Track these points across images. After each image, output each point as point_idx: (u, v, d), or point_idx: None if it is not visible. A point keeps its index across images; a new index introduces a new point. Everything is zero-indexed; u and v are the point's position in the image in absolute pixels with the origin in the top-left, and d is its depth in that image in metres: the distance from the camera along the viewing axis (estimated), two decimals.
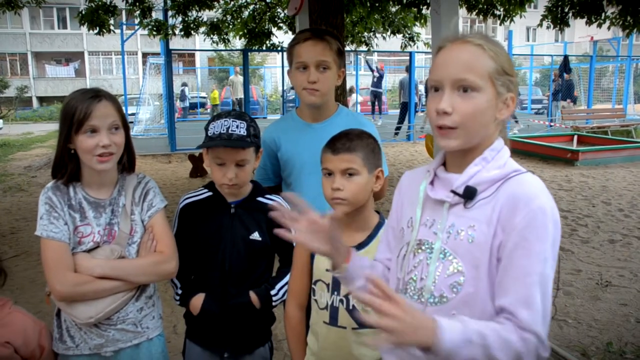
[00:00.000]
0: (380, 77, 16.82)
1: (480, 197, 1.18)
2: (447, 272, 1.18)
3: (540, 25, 7.65)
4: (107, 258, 1.65)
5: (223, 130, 1.74)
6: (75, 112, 1.60)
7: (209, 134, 1.77)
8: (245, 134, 1.74)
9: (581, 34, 18.25)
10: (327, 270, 1.65)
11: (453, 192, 1.20)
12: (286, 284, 1.87)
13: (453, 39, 1.21)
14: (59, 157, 1.68)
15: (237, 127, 1.74)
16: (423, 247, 1.24)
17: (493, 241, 1.14)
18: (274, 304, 1.88)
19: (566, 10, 7.17)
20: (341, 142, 1.61)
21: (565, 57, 15.88)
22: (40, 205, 1.67)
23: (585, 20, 7.05)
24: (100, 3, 7.89)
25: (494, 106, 1.18)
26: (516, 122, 15.09)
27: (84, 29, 8.33)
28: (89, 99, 1.62)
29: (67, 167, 1.68)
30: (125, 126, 1.70)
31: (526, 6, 8.04)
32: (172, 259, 1.74)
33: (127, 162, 1.76)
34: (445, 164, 1.29)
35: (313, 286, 1.71)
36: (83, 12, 8.00)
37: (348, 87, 16.50)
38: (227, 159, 1.75)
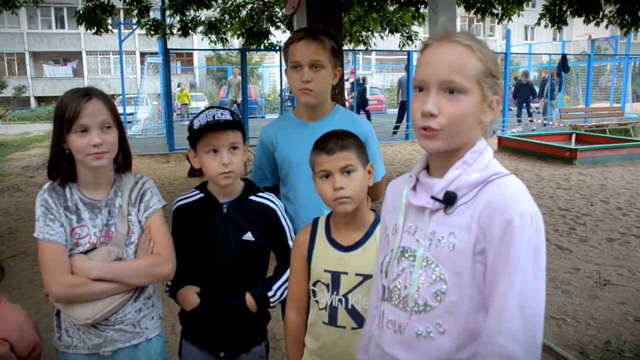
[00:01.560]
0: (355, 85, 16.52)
1: (460, 202, 1.14)
2: (429, 280, 1.16)
3: (538, 24, 7.65)
4: (104, 259, 1.65)
5: (209, 119, 1.75)
6: (65, 112, 1.59)
7: (196, 127, 1.76)
8: (231, 119, 1.76)
9: (579, 33, 18.21)
10: (325, 270, 1.65)
11: (433, 198, 1.17)
12: (284, 283, 1.87)
13: (440, 38, 1.17)
14: (53, 157, 1.67)
15: (221, 114, 1.77)
16: (406, 255, 1.22)
17: (475, 248, 1.10)
18: (271, 305, 1.88)
19: (564, 9, 7.18)
20: (333, 141, 1.60)
21: (563, 56, 15.90)
22: (37, 207, 1.67)
23: (583, 19, 7.05)
24: (97, 3, 7.88)
25: (480, 109, 1.15)
26: (519, 121, 15.11)
27: (82, 28, 8.31)
28: (79, 97, 1.61)
29: (61, 168, 1.67)
30: (119, 125, 1.69)
31: (524, 5, 8.06)
32: (169, 261, 1.72)
33: (122, 162, 1.74)
34: (428, 168, 1.26)
35: (313, 287, 1.70)
36: (81, 12, 7.99)
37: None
38: (219, 144, 1.75)
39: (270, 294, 1.86)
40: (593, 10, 6.84)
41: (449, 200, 1.15)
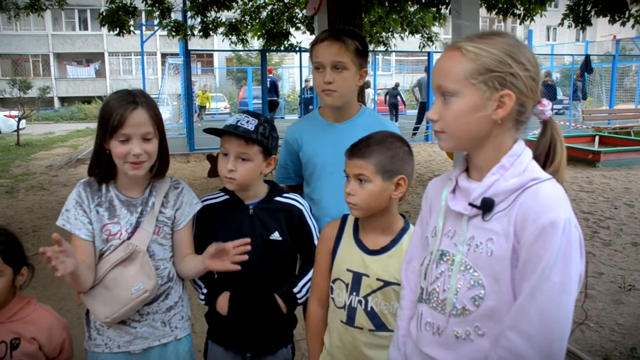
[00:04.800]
0: None
1: (498, 208, 1.15)
2: (467, 285, 1.17)
3: (562, 24, 7.52)
4: (123, 252, 1.66)
5: (233, 122, 1.76)
6: (110, 117, 1.59)
7: (222, 127, 1.78)
8: (252, 129, 1.74)
9: (603, 33, 17.91)
10: (347, 270, 1.65)
11: (471, 204, 1.18)
12: (309, 281, 1.87)
13: (448, 46, 1.22)
14: (95, 157, 1.69)
15: (247, 122, 1.75)
16: (445, 258, 1.23)
17: (512, 254, 1.11)
18: (299, 301, 1.87)
19: (588, 8, 7.04)
20: (359, 147, 1.60)
21: (587, 57, 15.64)
22: (70, 198, 1.71)
23: (608, 18, 6.91)
24: (120, 4, 7.99)
25: (483, 107, 1.13)
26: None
27: (105, 30, 8.43)
28: (125, 104, 1.60)
29: (101, 166, 1.70)
30: (161, 133, 1.70)
31: (546, 5, 7.93)
32: None
33: (158, 167, 1.74)
34: (468, 169, 1.27)
35: (331, 284, 1.70)
36: (104, 14, 8.10)
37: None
38: (230, 149, 1.75)
39: (295, 290, 1.86)
40: (619, 10, 6.69)
41: (486, 207, 1.16)
